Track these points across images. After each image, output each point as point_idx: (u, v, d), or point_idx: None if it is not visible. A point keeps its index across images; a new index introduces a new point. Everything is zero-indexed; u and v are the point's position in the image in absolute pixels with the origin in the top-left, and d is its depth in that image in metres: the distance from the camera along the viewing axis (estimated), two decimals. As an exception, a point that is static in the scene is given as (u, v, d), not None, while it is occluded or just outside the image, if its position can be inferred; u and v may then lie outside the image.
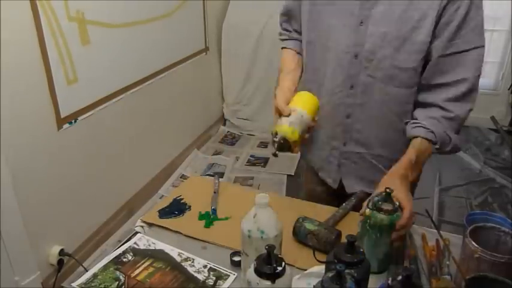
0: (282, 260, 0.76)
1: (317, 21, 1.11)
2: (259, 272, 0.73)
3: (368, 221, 0.89)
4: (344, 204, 1.15)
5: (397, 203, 0.89)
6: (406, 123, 1.10)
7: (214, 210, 1.15)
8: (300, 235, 1.01)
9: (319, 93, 1.14)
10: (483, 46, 1.01)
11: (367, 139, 1.15)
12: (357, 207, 1.14)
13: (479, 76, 1.03)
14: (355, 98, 1.11)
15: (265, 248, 0.74)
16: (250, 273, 0.75)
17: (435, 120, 1.04)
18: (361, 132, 1.14)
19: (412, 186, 1.25)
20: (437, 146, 1.04)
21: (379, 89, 1.08)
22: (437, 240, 1.00)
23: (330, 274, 0.68)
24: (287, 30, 1.29)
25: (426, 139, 1.04)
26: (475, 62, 1.01)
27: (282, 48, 1.30)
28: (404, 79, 1.06)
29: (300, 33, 1.23)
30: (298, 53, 1.26)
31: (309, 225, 1.00)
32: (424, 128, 1.04)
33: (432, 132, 1.03)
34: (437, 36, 0.99)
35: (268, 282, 0.73)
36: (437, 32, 0.99)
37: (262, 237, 0.84)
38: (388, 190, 0.88)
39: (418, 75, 1.06)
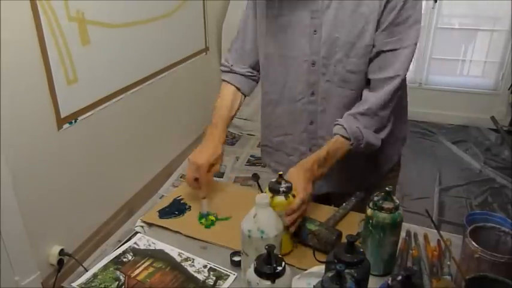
0: (282, 259, 0.76)
1: (274, 34, 1.13)
2: (259, 272, 0.73)
3: (370, 221, 0.89)
4: (344, 204, 1.15)
5: (397, 201, 0.89)
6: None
7: (205, 214, 1.15)
8: (302, 236, 1.01)
9: (281, 102, 1.20)
10: (415, 44, 1.03)
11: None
12: (356, 208, 1.15)
13: (405, 75, 1.07)
14: (316, 105, 1.15)
15: (265, 248, 0.74)
16: (250, 273, 0.75)
17: (351, 116, 1.08)
18: (324, 137, 1.17)
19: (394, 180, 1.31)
20: (351, 142, 1.06)
21: (337, 93, 1.12)
22: (438, 240, 1.00)
23: (330, 274, 0.68)
24: (227, 64, 1.29)
25: (341, 136, 1.06)
26: (407, 59, 1.04)
27: (223, 80, 1.31)
28: (358, 82, 1.09)
29: (242, 66, 1.26)
30: (238, 88, 1.28)
31: (309, 225, 1.00)
32: (340, 125, 1.07)
33: (344, 128, 1.06)
34: (377, 34, 1.03)
35: (268, 282, 0.73)
36: (377, 31, 1.03)
37: (262, 237, 0.84)
38: (388, 189, 0.88)
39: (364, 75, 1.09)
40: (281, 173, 0.96)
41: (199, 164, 1.11)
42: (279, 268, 0.73)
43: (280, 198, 0.94)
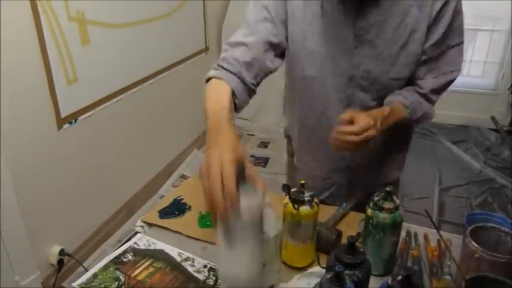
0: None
1: (314, 53, 1.07)
2: None
3: (370, 221, 0.89)
4: (344, 204, 1.15)
5: (398, 201, 0.89)
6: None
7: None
8: None
9: (317, 128, 1.17)
10: (462, 43, 1.07)
11: (366, 155, 1.16)
12: (356, 207, 1.15)
13: (460, 70, 1.09)
14: None
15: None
16: None
17: (413, 93, 1.09)
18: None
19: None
20: (409, 111, 1.06)
21: (373, 101, 1.10)
22: (438, 240, 1.00)
23: (329, 275, 0.68)
24: (236, 64, 1.00)
25: (400, 102, 1.06)
26: (458, 56, 1.08)
27: (213, 78, 0.96)
28: (397, 87, 1.09)
29: (254, 78, 1.03)
30: (236, 98, 0.96)
31: None
32: (401, 95, 1.07)
33: (405, 97, 1.06)
34: (427, 41, 1.03)
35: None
36: (427, 39, 1.03)
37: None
38: (388, 189, 0.88)
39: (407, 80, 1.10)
40: (303, 181, 0.91)
41: (227, 166, 0.87)
42: None
43: (306, 208, 0.90)
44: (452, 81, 1.10)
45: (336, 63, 1.07)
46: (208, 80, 0.97)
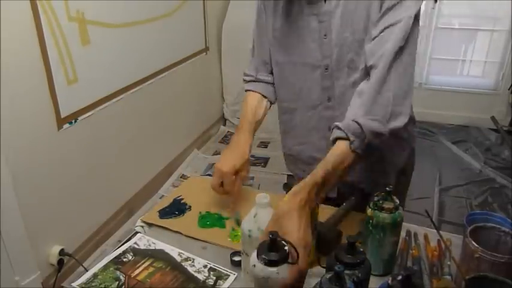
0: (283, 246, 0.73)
1: (283, 42, 1.13)
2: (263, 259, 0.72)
3: (370, 221, 0.89)
4: (344, 204, 1.15)
5: (397, 201, 0.89)
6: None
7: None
8: None
9: (297, 110, 1.19)
10: (408, 22, 0.92)
11: None
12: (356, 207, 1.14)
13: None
14: (333, 110, 1.13)
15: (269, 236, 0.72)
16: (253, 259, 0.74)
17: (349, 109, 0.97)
18: None
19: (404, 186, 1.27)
20: (351, 139, 0.89)
21: (351, 93, 1.05)
22: (438, 240, 1.00)
23: (328, 275, 0.67)
24: (250, 74, 1.28)
25: (339, 138, 0.91)
26: (401, 31, 0.93)
27: (246, 90, 1.29)
28: (363, 77, 1.02)
29: (267, 74, 1.25)
30: (264, 96, 1.25)
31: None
32: (334, 126, 0.94)
33: (338, 128, 0.92)
34: (375, 22, 0.97)
35: (273, 269, 0.72)
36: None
37: None
38: (388, 189, 0.88)
39: None
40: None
41: (224, 172, 1.08)
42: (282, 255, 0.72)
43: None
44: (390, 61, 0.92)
45: (309, 53, 1.09)
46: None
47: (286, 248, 0.72)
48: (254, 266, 0.74)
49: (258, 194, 0.87)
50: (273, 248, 0.72)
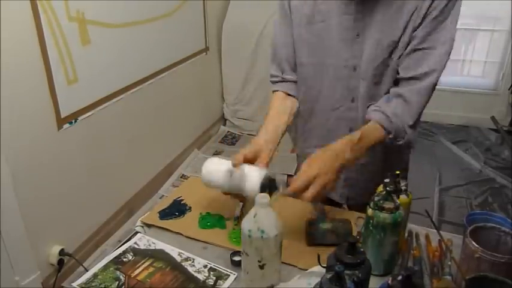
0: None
1: (309, 43, 1.12)
2: None
3: (371, 221, 0.89)
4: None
5: (398, 201, 0.89)
6: (369, 106, 1.10)
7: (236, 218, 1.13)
8: (318, 237, 1.01)
9: (314, 113, 1.18)
10: (451, 44, 1.03)
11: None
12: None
13: (442, 71, 1.05)
14: (356, 111, 1.12)
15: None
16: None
17: (396, 109, 1.04)
18: None
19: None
20: (391, 136, 1.04)
21: (379, 96, 1.09)
22: (439, 240, 1.00)
23: (329, 275, 0.67)
24: (277, 74, 1.25)
25: (381, 125, 1.03)
26: (442, 57, 1.03)
27: (273, 91, 1.26)
28: (392, 77, 1.08)
29: (292, 73, 1.22)
30: (289, 94, 1.22)
31: (323, 225, 1.01)
32: (383, 114, 1.04)
33: (390, 121, 1.03)
34: (417, 32, 1.01)
35: None
36: (415, 28, 1.01)
37: (262, 236, 0.83)
38: (388, 189, 0.88)
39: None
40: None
41: (260, 143, 1.10)
42: None
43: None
44: (429, 86, 1.05)
45: (337, 53, 1.08)
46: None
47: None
48: None
49: (259, 194, 0.86)
50: None
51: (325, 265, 0.77)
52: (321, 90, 1.14)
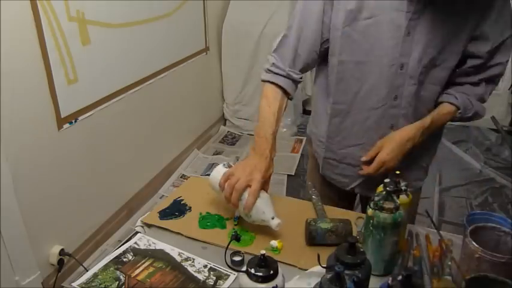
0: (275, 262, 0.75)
1: (353, 40, 1.08)
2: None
3: (371, 221, 0.89)
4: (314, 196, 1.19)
5: (398, 202, 0.89)
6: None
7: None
8: (318, 237, 1.00)
9: (351, 112, 1.16)
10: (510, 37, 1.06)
11: None
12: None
13: (507, 61, 1.10)
14: (399, 109, 1.12)
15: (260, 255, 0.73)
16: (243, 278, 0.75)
17: (464, 94, 1.12)
18: None
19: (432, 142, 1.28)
20: (460, 111, 1.11)
21: (424, 94, 1.11)
22: (439, 240, 1.00)
23: (329, 275, 0.67)
24: (283, 67, 1.16)
25: (450, 103, 1.11)
26: (508, 48, 1.07)
27: (267, 81, 1.18)
28: (441, 77, 1.10)
29: (297, 72, 1.17)
30: (287, 93, 1.18)
31: (323, 225, 1.00)
32: (449, 94, 1.12)
33: (456, 97, 1.11)
34: (479, 36, 1.04)
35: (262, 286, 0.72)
36: (477, 32, 1.03)
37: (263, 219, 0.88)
38: (388, 189, 0.89)
39: (452, 71, 1.10)
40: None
41: (256, 178, 1.03)
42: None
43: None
44: (497, 75, 1.12)
45: (384, 51, 1.06)
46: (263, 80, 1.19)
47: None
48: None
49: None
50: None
51: (325, 265, 0.77)
52: (361, 89, 1.12)
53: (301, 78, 1.19)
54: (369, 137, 1.16)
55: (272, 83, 1.17)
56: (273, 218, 0.99)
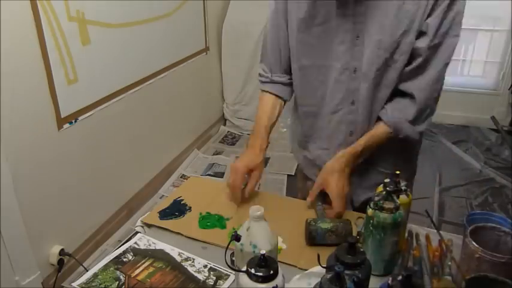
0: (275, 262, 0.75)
1: (310, 45, 1.10)
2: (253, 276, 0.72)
3: (371, 221, 0.89)
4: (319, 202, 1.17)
5: (398, 202, 0.89)
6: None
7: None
8: (318, 237, 1.00)
9: (320, 114, 1.18)
10: (458, 36, 1.02)
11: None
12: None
13: (447, 64, 1.06)
14: (356, 114, 1.12)
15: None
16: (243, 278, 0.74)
17: (400, 106, 1.08)
18: None
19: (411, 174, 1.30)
20: (390, 131, 1.09)
21: (380, 98, 1.10)
22: (439, 240, 1.00)
23: (329, 275, 0.67)
24: (266, 75, 1.27)
25: (382, 121, 1.10)
26: (447, 50, 1.03)
27: (262, 91, 1.29)
28: (393, 78, 1.07)
29: (281, 75, 1.24)
30: (279, 97, 1.26)
31: (323, 225, 1.00)
32: (385, 109, 1.10)
33: (390, 116, 1.09)
34: (424, 33, 1.01)
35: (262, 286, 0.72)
36: (424, 29, 1.00)
37: (254, 251, 0.81)
38: (388, 189, 0.88)
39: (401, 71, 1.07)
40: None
41: (237, 167, 1.15)
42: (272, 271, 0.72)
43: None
44: (433, 80, 1.06)
45: (337, 55, 1.07)
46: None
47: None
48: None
49: (252, 206, 0.84)
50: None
51: (325, 265, 0.77)
52: (325, 93, 1.14)
53: (289, 79, 1.23)
54: (332, 143, 1.19)
55: (263, 90, 1.28)
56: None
